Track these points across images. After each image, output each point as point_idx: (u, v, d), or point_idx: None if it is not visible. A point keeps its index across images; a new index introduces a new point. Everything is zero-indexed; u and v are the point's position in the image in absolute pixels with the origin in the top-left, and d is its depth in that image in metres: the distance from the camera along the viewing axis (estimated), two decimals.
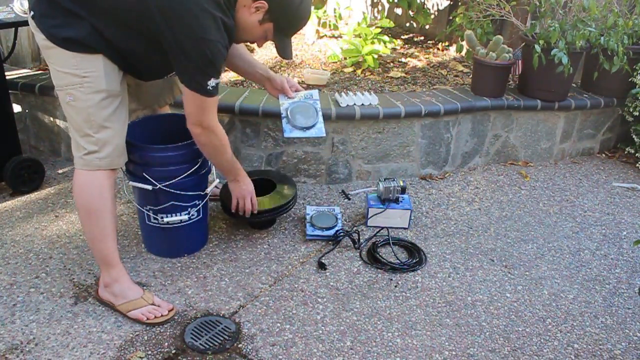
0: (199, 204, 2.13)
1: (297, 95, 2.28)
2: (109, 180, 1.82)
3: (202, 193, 2.12)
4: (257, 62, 2.26)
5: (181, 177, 2.01)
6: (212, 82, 1.74)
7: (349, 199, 2.72)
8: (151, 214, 2.08)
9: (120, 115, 1.82)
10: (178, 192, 2.01)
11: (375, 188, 2.48)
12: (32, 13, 1.72)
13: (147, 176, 1.97)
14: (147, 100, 2.23)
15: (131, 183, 2.01)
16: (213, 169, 2.32)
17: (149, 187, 1.98)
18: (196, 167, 2.04)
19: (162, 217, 2.07)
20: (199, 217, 2.16)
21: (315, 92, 2.31)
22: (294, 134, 2.26)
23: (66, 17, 1.67)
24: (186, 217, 2.10)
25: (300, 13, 1.82)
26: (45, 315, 1.86)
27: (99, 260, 1.90)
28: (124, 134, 1.85)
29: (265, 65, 2.22)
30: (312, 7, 3.77)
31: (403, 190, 2.49)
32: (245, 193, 2.16)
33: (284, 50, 1.89)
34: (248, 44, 2.21)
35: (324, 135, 2.30)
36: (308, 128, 2.26)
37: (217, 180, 2.26)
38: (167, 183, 1.99)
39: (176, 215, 2.07)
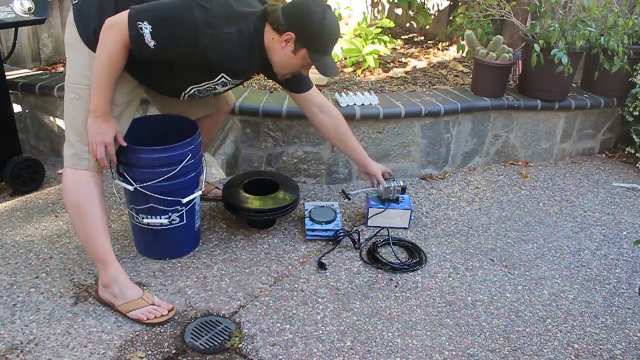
0: (182, 210, 2.07)
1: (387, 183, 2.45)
2: (95, 179, 1.83)
3: (181, 200, 2.03)
4: (359, 148, 2.38)
5: (158, 180, 1.95)
6: (147, 28, 1.59)
7: (349, 199, 2.72)
8: (133, 213, 2.08)
9: (121, 122, 1.84)
10: (156, 195, 1.98)
11: (376, 188, 2.48)
12: (75, 2, 1.74)
13: (127, 175, 1.95)
14: (172, 110, 2.19)
15: (115, 181, 2.00)
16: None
17: (130, 187, 1.95)
18: (175, 172, 1.96)
19: (142, 218, 2.06)
20: (182, 223, 2.10)
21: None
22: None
23: (98, 15, 1.70)
24: (166, 221, 2.06)
25: (326, 28, 1.77)
26: (45, 315, 1.86)
27: (94, 260, 1.91)
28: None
29: (364, 151, 2.41)
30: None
31: (403, 190, 2.49)
32: (97, 138, 1.75)
33: (326, 69, 1.81)
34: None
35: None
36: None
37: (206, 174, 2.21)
38: (144, 185, 1.94)
39: (155, 218, 2.04)
